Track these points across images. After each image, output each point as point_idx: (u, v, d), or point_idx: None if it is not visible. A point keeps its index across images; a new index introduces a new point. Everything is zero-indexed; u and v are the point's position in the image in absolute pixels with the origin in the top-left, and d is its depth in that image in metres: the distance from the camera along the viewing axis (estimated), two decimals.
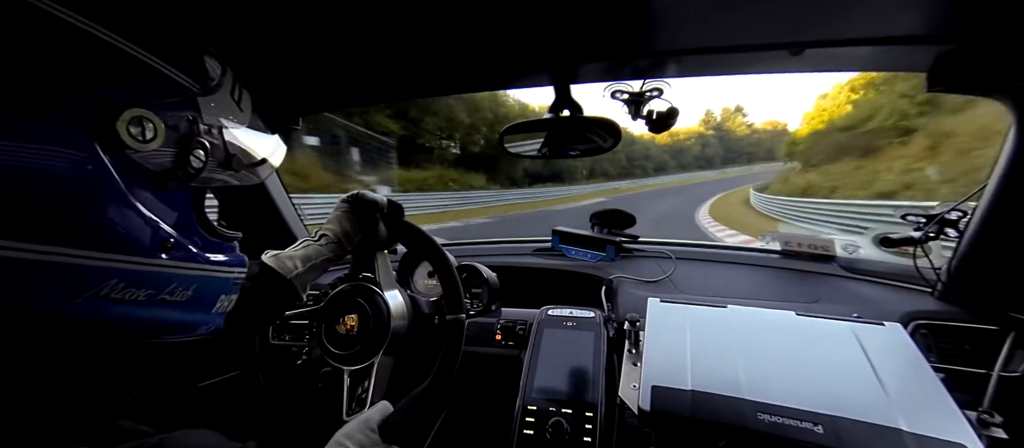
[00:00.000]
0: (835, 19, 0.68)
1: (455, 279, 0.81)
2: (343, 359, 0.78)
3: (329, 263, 0.77)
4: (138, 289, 0.38)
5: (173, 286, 0.41)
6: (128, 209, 0.38)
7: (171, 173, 0.42)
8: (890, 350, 0.73)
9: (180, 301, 0.42)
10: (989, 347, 0.83)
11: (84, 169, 0.35)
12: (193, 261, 0.44)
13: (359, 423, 0.62)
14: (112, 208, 0.37)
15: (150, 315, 0.40)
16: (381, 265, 0.83)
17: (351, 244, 0.80)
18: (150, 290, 0.39)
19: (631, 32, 0.74)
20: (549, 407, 0.83)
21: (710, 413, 0.65)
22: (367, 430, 0.61)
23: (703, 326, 0.84)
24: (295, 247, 0.75)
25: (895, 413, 0.61)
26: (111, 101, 0.37)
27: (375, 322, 0.77)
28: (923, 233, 0.97)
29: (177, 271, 0.42)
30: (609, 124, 0.94)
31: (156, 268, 0.40)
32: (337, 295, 0.82)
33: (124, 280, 0.37)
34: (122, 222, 0.37)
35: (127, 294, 0.37)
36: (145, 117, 0.39)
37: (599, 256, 1.34)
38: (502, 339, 1.04)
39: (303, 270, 0.72)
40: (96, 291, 0.35)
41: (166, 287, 0.41)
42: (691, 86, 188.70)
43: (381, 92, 1.12)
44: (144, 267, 0.39)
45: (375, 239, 0.83)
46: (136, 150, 0.38)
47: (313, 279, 0.76)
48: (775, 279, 1.19)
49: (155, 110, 0.40)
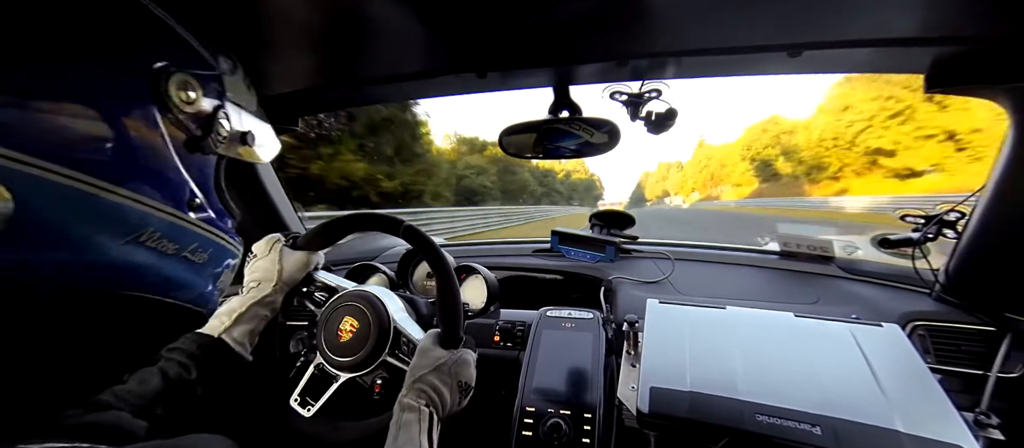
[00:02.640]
0: (833, 21, 0.68)
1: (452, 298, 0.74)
2: (346, 366, 0.74)
3: (260, 308, 0.73)
4: (170, 241, 0.44)
5: (195, 245, 0.47)
6: (169, 165, 0.45)
7: (202, 137, 0.49)
8: (888, 351, 0.73)
9: (198, 262, 0.49)
10: (987, 348, 0.84)
11: (145, 125, 0.43)
12: (211, 224, 0.52)
13: (422, 356, 0.65)
14: (159, 162, 0.44)
15: (173, 270, 0.46)
16: (375, 279, 0.82)
17: (279, 280, 0.76)
18: (177, 244, 0.45)
19: (630, 33, 0.74)
20: (548, 408, 0.83)
21: (708, 414, 0.65)
22: (433, 354, 0.65)
23: (702, 327, 0.84)
24: (222, 306, 0.72)
25: (892, 414, 0.61)
26: (164, 67, 0.45)
27: (376, 326, 0.77)
28: (921, 234, 0.97)
29: (199, 231, 0.48)
30: (608, 125, 0.94)
31: (183, 223, 0.46)
32: (334, 303, 0.81)
33: (160, 231, 0.43)
34: (165, 175, 0.44)
35: (160, 244, 0.43)
36: (189, 82, 0.47)
37: (598, 257, 1.34)
38: (500, 340, 1.04)
39: (230, 324, 0.67)
40: (137, 235, 0.40)
41: (190, 244, 0.47)
42: (691, 86, 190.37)
43: (379, 93, 1.12)
44: (175, 220, 0.44)
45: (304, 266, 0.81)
46: (180, 110, 0.46)
47: (250, 329, 0.71)
48: (773, 280, 1.19)
49: (196, 78, 0.48)
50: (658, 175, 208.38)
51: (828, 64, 0.85)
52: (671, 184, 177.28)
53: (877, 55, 0.77)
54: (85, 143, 0.37)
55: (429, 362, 0.64)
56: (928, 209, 0.99)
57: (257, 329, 0.72)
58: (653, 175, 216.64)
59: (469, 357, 0.68)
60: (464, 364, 0.67)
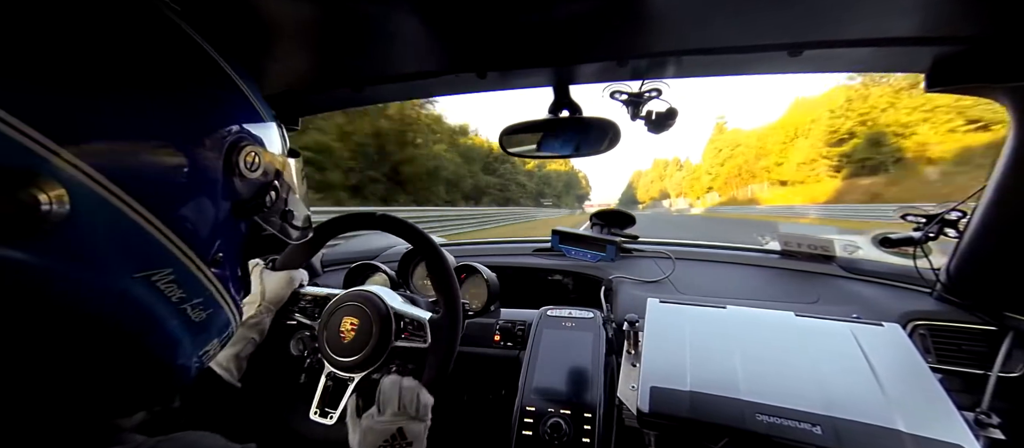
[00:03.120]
0: (834, 20, 0.68)
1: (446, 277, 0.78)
2: (357, 365, 0.74)
3: (245, 331, 0.73)
4: (178, 288, 0.42)
5: (198, 301, 0.45)
6: (210, 214, 0.44)
7: (249, 202, 0.49)
8: (889, 351, 0.73)
9: (194, 320, 0.45)
10: (988, 348, 0.84)
11: (208, 180, 0.43)
12: (223, 285, 0.48)
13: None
14: (203, 207, 0.43)
15: (166, 320, 0.43)
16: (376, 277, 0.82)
17: (263, 301, 0.76)
18: (184, 293, 0.43)
19: (630, 32, 0.74)
20: (548, 408, 0.83)
21: (709, 414, 0.65)
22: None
23: (702, 327, 0.84)
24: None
25: (893, 414, 0.61)
26: (240, 136, 0.45)
27: (376, 316, 0.76)
28: (923, 233, 0.97)
29: (209, 287, 0.46)
30: (608, 125, 0.94)
31: (200, 275, 0.44)
32: (335, 304, 0.80)
33: (176, 274, 0.41)
34: (202, 221, 0.43)
35: (169, 289, 0.41)
36: (259, 153, 0.47)
37: (599, 256, 1.34)
38: (501, 340, 1.04)
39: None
40: (150, 273, 0.39)
41: (195, 297, 0.44)
42: (691, 87, 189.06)
43: (379, 93, 1.12)
44: (193, 269, 0.43)
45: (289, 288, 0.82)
46: (243, 177, 0.46)
47: (236, 353, 0.71)
48: (774, 279, 1.19)
49: (263, 148, 0.48)
50: (653, 173, 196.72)
51: (828, 63, 0.85)
52: (671, 183, 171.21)
53: (877, 54, 0.77)
54: (152, 174, 0.37)
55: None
56: (929, 208, 0.98)
57: (244, 353, 0.70)
58: (648, 174, 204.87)
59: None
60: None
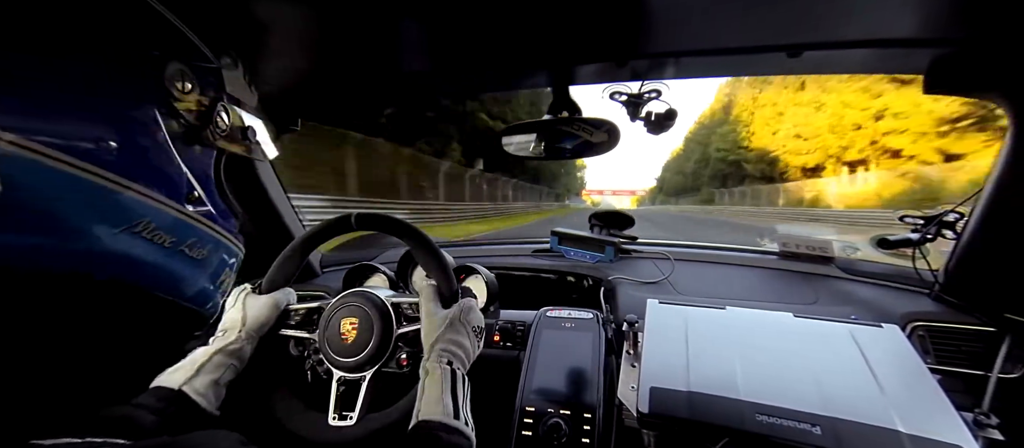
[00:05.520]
0: (833, 21, 0.68)
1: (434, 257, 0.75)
2: (365, 363, 0.73)
3: (224, 357, 0.70)
4: (165, 233, 0.43)
5: (193, 240, 0.47)
6: (167, 155, 0.45)
7: (201, 129, 0.49)
8: (887, 352, 0.73)
9: (196, 258, 0.48)
10: (986, 349, 0.84)
11: (142, 115, 0.43)
12: (210, 219, 0.51)
13: (430, 320, 0.67)
14: (156, 152, 0.44)
15: (170, 265, 0.45)
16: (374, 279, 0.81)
17: (243, 327, 0.72)
18: (174, 237, 0.44)
19: (629, 33, 0.74)
20: (547, 408, 0.83)
21: (708, 414, 0.65)
22: (440, 315, 0.67)
23: (701, 327, 0.84)
24: (186, 357, 0.68)
25: (892, 414, 0.61)
26: (161, 56, 0.46)
27: (375, 311, 0.76)
28: (921, 235, 0.97)
29: (197, 225, 0.47)
30: (607, 125, 0.94)
31: (181, 216, 0.45)
32: (330, 310, 0.78)
33: (155, 221, 0.42)
34: (160, 165, 0.44)
35: (156, 236, 0.43)
36: (186, 72, 0.48)
37: (598, 257, 1.34)
38: (500, 340, 1.04)
39: (193, 374, 0.64)
40: (132, 225, 0.40)
41: (187, 238, 0.46)
42: (691, 88, 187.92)
43: (379, 96, 1.12)
44: (172, 211, 0.44)
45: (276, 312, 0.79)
46: (177, 99, 0.46)
47: (214, 380, 0.68)
48: (773, 280, 1.19)
49: (193, 69, 0.49)
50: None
51: (828, 64, 0.85)
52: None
53: (876, 56, 0.78)
54: (81, 130, 0.37)
55: (439, 322, 0.66)
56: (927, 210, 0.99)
57: (223, 380, 0.67)
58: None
59: (472, 303, 0.73)
60: (471, 310, 0.71)
